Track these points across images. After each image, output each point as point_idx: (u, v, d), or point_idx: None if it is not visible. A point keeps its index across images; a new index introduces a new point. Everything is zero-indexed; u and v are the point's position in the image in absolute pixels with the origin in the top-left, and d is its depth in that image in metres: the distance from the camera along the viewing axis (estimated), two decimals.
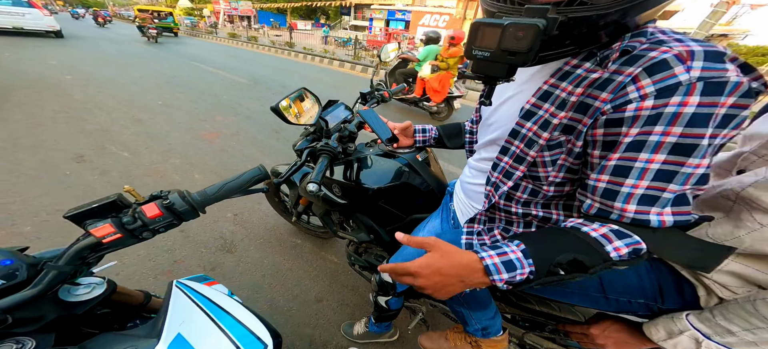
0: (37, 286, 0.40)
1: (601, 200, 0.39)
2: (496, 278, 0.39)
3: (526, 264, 0.39)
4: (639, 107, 0.33)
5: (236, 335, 0.47)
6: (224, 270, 1.42)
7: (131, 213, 0.43)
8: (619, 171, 0.36)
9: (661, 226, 0.37)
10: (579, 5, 0.34)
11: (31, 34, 8.06)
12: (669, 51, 0.32)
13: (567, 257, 0.38)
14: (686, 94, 0.31)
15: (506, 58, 0.35)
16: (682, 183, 0.34)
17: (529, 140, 0.44)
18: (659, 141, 0.33)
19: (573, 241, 0.39)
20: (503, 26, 0.34)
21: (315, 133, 0.82)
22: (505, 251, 0.41)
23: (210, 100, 3.95)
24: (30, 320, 0.42)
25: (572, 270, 0.38)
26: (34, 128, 2.50)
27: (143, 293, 0.65)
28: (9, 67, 4.29)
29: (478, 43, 0.36)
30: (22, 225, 1.47)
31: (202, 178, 2.15)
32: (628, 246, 0.37)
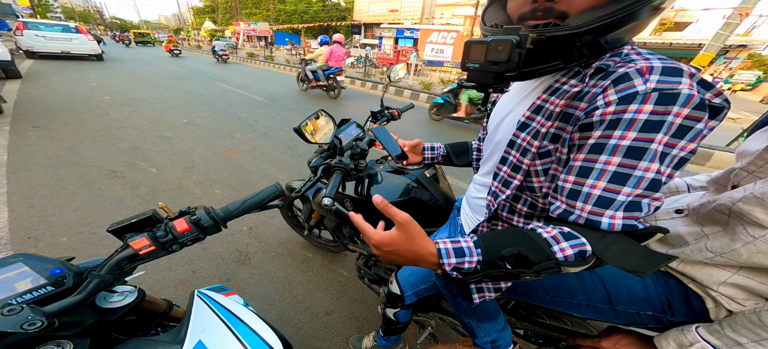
0: (82, 293, 0.44)
1: (566, 200, 0.42)
2: (445, 261, 0.42)
3: (475, 253, 0.41)
4: (604, 113, 0.37)
5: (251, 344, 0.50)
6: (239, 281, 1.47)
7: (163, 228, 0.48)
8: (582, 172, 0.40)
9: (610, 229, 0.38)
10: (552, 26, 0.40)
11: (76, 57, 8.90)
12: (633, 66, 0.37)
13: (512, 251, 0.40)
14: (642, 102, 0.35)
15: (491, 68, 0.43)
16: (634, 186, 0.36)
17: (523, 149, 0.48)
18: (616, 144, 0.36)
19: (523, 239, 0.42)
20: (487, 43, 0.42)
21: (329, 151, 0.88)
22: (459, 241, 0.44)
23: (229, 118, 4.20)
24: (71, 325, 0.46)
25: (517, 264, 0.40)
26: (76, 146, 2.76)
27: (166, 302, 0.70)
28: (57, 90, 4.79)
29: (470, 57, 0.45)
30: (59, 236, 1.61)
31: (222, 193, 2.27)
32: (573, 248, 0.39)
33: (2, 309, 0.37)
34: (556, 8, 0.40)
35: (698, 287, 0.49)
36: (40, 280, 0.45)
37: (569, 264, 0.39)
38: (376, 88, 8.52)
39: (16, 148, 2.56)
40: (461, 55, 0.46)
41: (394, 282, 0.86)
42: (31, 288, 0.44)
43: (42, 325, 0.38)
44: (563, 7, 0.39)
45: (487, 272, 0.41)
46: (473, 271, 0.41)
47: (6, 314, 0.36)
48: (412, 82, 9.20)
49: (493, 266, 0.41)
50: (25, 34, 8.06)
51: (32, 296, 0.43)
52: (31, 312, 0.37)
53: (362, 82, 9.12)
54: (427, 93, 7.45)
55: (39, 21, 8.92)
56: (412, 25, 22.69)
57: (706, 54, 4.30)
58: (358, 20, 30.58)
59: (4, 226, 1.63)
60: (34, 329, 0.37)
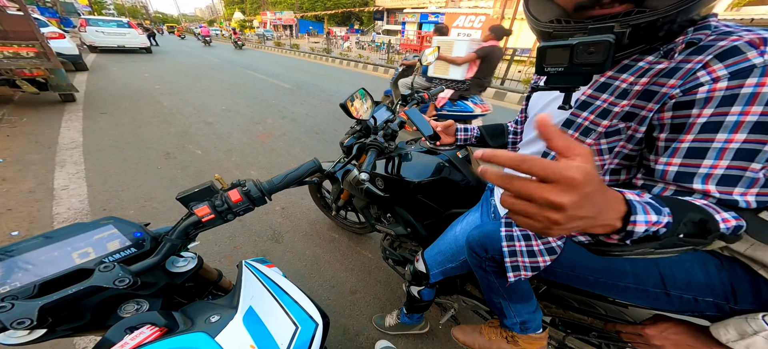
0: (158, 255, 0.50)
1: (675, 183, 0.38)
2: (638, 218, 0.29)
3: (665, 213, 0.31)
4: (712, 89, 0.34)
5: (293, 313, 0.54)
6: (273, 257, 1.60)
7: (220, 197, 0.53)
8: (694, 153, 0.36)
9: (748, 207, 0.35)
10: (638, 13, 0.35)
11: (129, 51, 9.81)
12: (739, 39, 0.34)
13: (696, 216, 0.32)
14: (762, 75, 0.32)
15: (582, 70, 0.38)
16: (765, 161, 0.34)
17: (585, 129, 0.46)
18: (738, 121, 0.34)
19: (693, 205, 0.34)
20: (572, 46, 0.36)
21: (361, 131, 0.91)
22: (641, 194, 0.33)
23: (262, 105, 4.42)
24: (148, 285, 0.50)
25: (695, 234, 0.32)
26: (136, 130, 3.12)
27: (217, 272, 0.78)
28: (117, 80, 5.40)
29: (548, 62, 0.39)
30: (128, 209, 1.87)
31: (257, 174, 2.44)
32: (734, 219, 0.33)
33: (99, 266, 0.42)
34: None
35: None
36: (126, 241, 0.52)
37: (728, 239, 0.35)
38: (375, 71, 8.32)
39: (89, 132, 2.96)
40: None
41: (421, 260, 0.87)
42: (119, 248, 0.50)
43: (129, 282, 0.43)
44: None
45: (665, 241, 0.31)
46: (652, 236, 0.31)
47: (102, 270, 0.42)
48: None
49: (674, 230, 0.32)
50: (87, 30, 9.02)
51: (120, 256, 0.50)
52: (121, 270, 0.43)
53: (385, 69, 8.96)
54: None
55: (98, 18, 9.93)
56: (437, 9, 21.42)
57: None
58: (381, 6, 29.63)
59: (84, 199, 1.92)
60: (123, 286, 0.42)
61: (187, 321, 0.49)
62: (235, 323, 0.49)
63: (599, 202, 0.27)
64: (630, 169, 0.46)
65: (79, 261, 0.47)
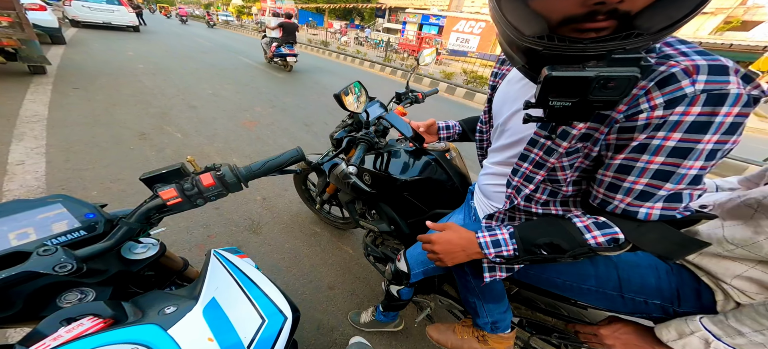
0: (112, 239, 0.46)
1: (604, 192, 0.44)
2: (486, 251, 0.53)
3: (510, 244, 0.51)
4: (650, 117, 0.36)
5: (261, 305, 0.52)
6: (249, 249, 1.54)
7: (191, 181, 0.49)
8: (623, 169, 0.40)
9: (647, 219, 0.41)
10: (636, 37, 0.31)
11: (116, 28, 9.33)
12: (677, 66, 0.35)
13: (545, 240, 0.47)
14: (689, 104, 0.34)
15: (593, 106, 0.34)
16: (676, 182, 0.38)
17: (548, 148, 0.47)
18: (660, 145, 0.36)
19: (557, 229, 0.48)
20: (590, 78, 0.32)
21: (352, 125, 0.89)
22: (496, 234, 0.54)
23: (251, 92, 4.28)
24: (97, 272, 0.46)
25: (552, 251, 0.47)
26: (111, 108, 2.94)
27: (183, 260, 0.73)
28: (97, 57, 5.07)
29: (556, 93, 0.34)
30: (90, 189, 1.75)
31: (239, 161, 2.35)
32: (605, 236, 0.44)
33: (38, 249, 0.38)
34: (622, 8, 0.30)
35: (711, 279, 0.51)
36: (75, 223, 0.47)
37: (604, 249, 0.44)
38: (396, 74, 8.31)
39: (56, 106, 2.76)
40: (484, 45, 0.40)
41: (402, 260, 0.87)
42: (66, 231, 0.46)
43: (72, 268, 0.38)
44: (627, 6, 0.30)
45: (525, 258, 0.50)
46: (513, 257, 0.50)
47: (41, 254, 0.37)
48: (433, 71, 8.89)
49: (530, 252, 0.49)
50: (73, 4, 8.54)
51: (66, 239, 0.45)
52: (64, 255, 0.38)
53: (381, 67, 8.93)
54: (448, 83, 7.19)
55: None
56: (439, 11, 21.63)
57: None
58: (383, 3, 29.54)
59: (41, 176, 1.78)
60: (64, 273, 0.38)
61: (137, 312, 0.46)
62: (193, 314, 0.45)
63: (453, 239, 0.58)
64: (588, 181, 0.49)
65: (16, 243, 0.42)
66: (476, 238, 0.54)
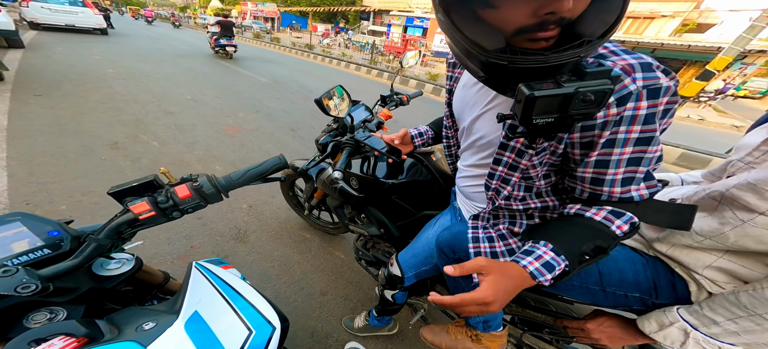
0: (79, 257, 0.43)
1: (590, 186, 0.47)
2: (541, 279, 0.45)
3: (560, 261, 0.46)
4: (606, 114, 0.40)
5: (247, 316, 0.50)
6: (236, 258, 1.49)
7: (165, 193, 0.47)
8: (601, 164, 0.44)
9: (641, 199, 0.46)
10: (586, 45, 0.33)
11: (81, 30, 8.78)
12: (615, 66, 0.39)
13: (590, 245, 0.46)
14: (637, 100, 0.39)
15: (574, 119, 0.36)
16: (647, 165, 0.44)
17: (518, 151, 0.50)
18: (626, 137, 0.41)
19: (587, 231, 0.47)
20: (571, 94, 0.33)
21: (337, 129, 0.88)
22: (541, 255, 0.46)
23: (233, 97, 4.15)
24: (66, 291, 0.45)
25: (596, 254, 0.47)
26: (78, 116, 2.74)
27: (163, 274, 0.70)
28: (60, 61, 4.72)
29: (539, 112, 0.35)
30: (58, 204, 1.62)
31: (222, 169, 2.27)
32: (626, 223, 0.46)
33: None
34: (567, 16, 0.32)
35: (684, 270, 0.53)
36: (37, 241, 0.44)
37: (625, 236, 0.46)
38: (382, 76, 8.36)
39: (16, 115, 2.55)
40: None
41: (395, 264, 0.87)
42: (27, 250, 0.43)
43: (36, 289, 0.37)
44: (569, 14, 0.32)
45: (576, 269, 0.46)
46: (562, 274, 0.46)
47: (1, 275, 0.35)
48: (419, 73, 9.01)
49: (579, 263, 0.47)
50: (30, 5, 7.97)
51: (28, 258, 0.43)
52: (26, 275, 0.36)
53: (368, 70, 8.95)
54: (434, 84, 7.31)
55: None
56: (423, 14, 22.01)
57: (723, 58, 4.17)
58: (368, 6, 29.65)
59: (2, 191, 1.64)
60: (28, 293, 0.36)
61: (113, 330, 0.43)
62: (173, 329, 0.43)
63: (507, 285, 0.45)
64: (557, 172, 0.54)
65: None
66: (524, 269, 0.45)
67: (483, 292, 0.44)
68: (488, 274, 0.45)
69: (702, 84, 5.19)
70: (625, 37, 15.54)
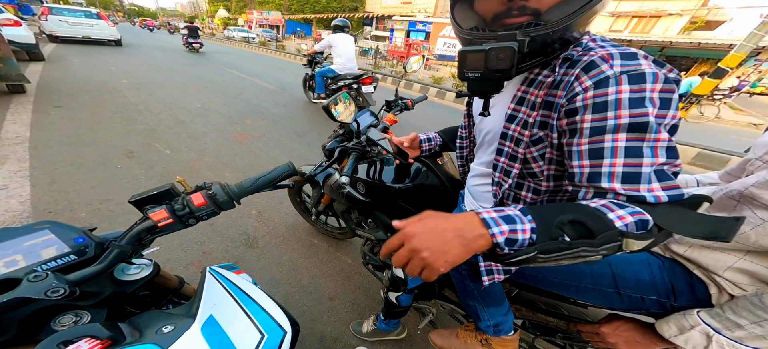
0: (103, 262, 0.46)
1: (589, 184, 0.41)
2: (496, 230, 0.35)
3: (525, 220, 0.36)
4: (585, 97, 0.40)
5: (260, 321, 0.51)
6: (246, 264, 1.51)
7: (181, 201, 0.49)
8: (595, 154, 0.41)
9: (657, 201, 0.37)
10: (535, 26, 0.42)
11: (96, 42, 9.15)
12: (595, 55, 0.41)
13: (568, 217, 0.35)
14: (616, 84, 0.38)
15: (494, 76, 0.43)
16: (651, 156, 0.38)
17: (516, 139, 0.51)
18: (616, 124, 0.39)
19: (576, 207, 0.38)
20: (485, 51, 0.42)
21: (344, 135, 0.89)
22: (504, 209, 0.39)
23: (241, 105, 4.25)
24: (90, 295, 0.47)
25: (577, 235, 0.35)
26: (95, 126, 2.86)
27: (178, 279, 0.72)
28: (78, 73, 4.94)
29: (467, 67, 0.44)
30: (78, 211, 1.69)
31: (232, 176, 2.32)
32: (632, 215, 0.35)
33: (28, 275, 0.38)
34: (530, 6, 0.42)
35: (703, 273, 0.51)
36: (65, 248, 0.47)
37: (632, 235, 0.34)
38: (386, 81, 8.42)
39: (38, 127, 2.67)
40: None
41: None
42: (55, 256, 0.45)
43: (64, 293, 0.39)
44: (535, 4, 0.42)
45: (545, 246, 0.34)
46: (528, 244, 0.35)
47: (32, 280, 0.38)
48: (423, 76, 9.04)
49: (550, 236, 0.35)
50: (49, 19, 8.34)
51: (56, 264, 0.45)
52: (55, 280, 0.38)
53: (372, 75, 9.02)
54: (438, 87, 7.32)
55: (63, 7, 9.16)
56: (425, 18, 22.18)
57: (735, 55, 4.05)
58: (371, 12, 30.07)
59: (26, 200, 1.71)
60: (57, 297, 0.38)
61: (135, 332, 0.45)
62: (191, 333, 0.45)
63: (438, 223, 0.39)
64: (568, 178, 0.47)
65: (5, 270, 0.41)
66: (478, 214, 0.38)
67: (409, 227, 0.39)
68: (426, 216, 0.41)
69: (715, 82, 5.04)
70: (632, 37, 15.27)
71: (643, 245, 0.34)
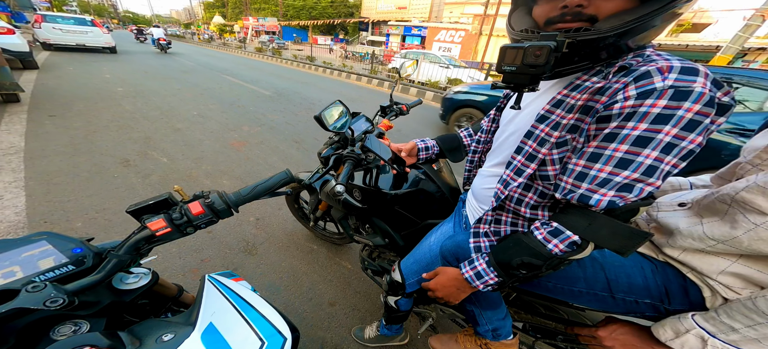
0: (101, 272, 0.45)
1: (572, 181, 0.46)
2: (474, 285, 0.57)
3: (490, 273, 0.55)
4: (622, 106, 0.40)
5: (259, 328, 0.51)
6: (245, 271, 1.50)
7: (179, 210, 0.49)
8: (593, 157, 0.43)
9: (597, 205, 0.43)
10: (583, 31, 0.41)
11: (90, 49, 9.07)
12: (653, 65, 0.39)
13: (519, 261, 0.50)
14: (658, 97, 0.37)
15: (528, 70, 0.43)
16: (632, 170, 0.40)
17: (541, 140, 0.50)
18: (627, 134, 0.39)
19: (524, 247, 0.50)
20: (524, 48, 0.42)
21: (339, 142, 0.89)
22: (476, 265, 0.57)
23: (238, 112, 4.25)
24: (89, 304, 0.47)
25: (529, 270, 0.50)
26: (90, 135, 2.84)
27: (177, 287, 0.72)
28: (72, 81, 4.91)
29: (505, 61, 0.46)
30: (74, 221, 1.67)
31: (230, 183, 2.31)
32: (563, 241, 0.46)
33: (26, 286, 0.38)
34: (586, 12, 0.42)
35: (697, 276, 0.51)
36: (62, 258, 0.47)
37: (570, 254, 0.46)
38: (383, 86, 8.48)
39: (33, 136, 2.64)
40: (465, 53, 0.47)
41: (397, 270, 0.87)
42: (53, 266, 0.45)
43: (63, 303, 0.39)
44: (592, 10, 0.42)
45: (510, 282, 0.53)
46: (499, 284, 0.54)
47: (30, 290, 0.37)
48: (419, 80, 9.12)
49: (512, 276, 0.52)
50: (42, 26, 8.27)
51: (54, 275, 0.45)
52: (53, 290, 0.38)
53: (368, 79, 9.09)
54: (434, 91, 7.39)
55: (56, 14, 9.09)
56: (420, 23, 22.44)
57: (723, 56, 4.15)
58: (366, 17, 30.38)
59: (21, 211, 1.69)
60: (55, 307, 0.38)
61: (135, 341, 0.44)
62: (191, 341, 0.45)
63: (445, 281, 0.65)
64: None
65: (2, 282, 0.41)
66: (461, 274, 0.59)
67: (432, 283, 0.67)
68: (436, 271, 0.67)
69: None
70: None
71: (581, 257, 0.47)
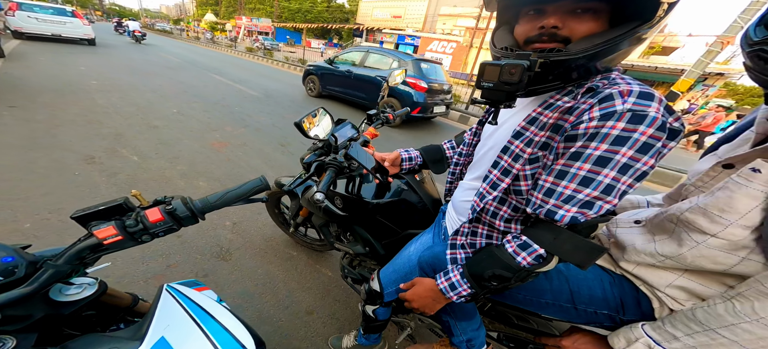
0: (32, 284, 0.40)
1: (542, 197, 0.48)
2: (448, 296, 0.59)
3: (464, 285, 0.57)
4: (587, 126, 0.42)
5: (220, 341, 0.47)
6: (217, 277, 1.42)
7: (134, 217, 0.45)
8: (560, 174, 0.46)
9: (561, 221, 0.46)
10: (556, 52, 0.45)
11: (68, 40, 8.63)
12: (616, 88, 0.42)
13: (490, 273, 0.53)
14: (617, 119, 0.40)
15: (504, 87, 0.46)
16: (593, 188, 0.43)
17: (516, 155, 0.52)
18: (590, 154, 0.42)
19: (495, 260, 0.53)
20: (501, 66, 0.45)
21: (322, 148, 0.87)
22: (450, 276, 0.59)
23: (222, 111, 4.11)
24: (17, 319, 0.42)
25: (500, 282, 0.53)
26: (54, 129, 2.63)
27: (131, 296, 0.66)
28: (42, 72, 4.58)
29: (484, 78, 0.48)
30: (22, 221, 1.51)
31: (207, 185, 2.20)
32: (530, 254, 0.50)
33: None
34: (561, 34, 0.45)
35: (648, 288, 0.56)
36: None
37: (537, 267, 0.49)
38: None
39: None
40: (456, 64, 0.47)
41: (375, 279, 0.85)
42: None
43: None
44: (566, 32, 0.45)
45: (482, 293, 0.56)
46: (472, 295, 0.57)
47: None
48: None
49: (484, 288, 0.55)
50: (16, 15, 7.85)
51: None
52: None
53: None
54: None
55: (34, 3, 8.64)
56: (414, 32, 23.01)
57: (685, 80, 4.50)
58: (361, 23, 30.75)
59: None
60: None
61: None
62: None
63: (421, 291, 0.66)
64: None
65: None
66: (437, 285, 0.60)
67: (408, 293, 0.69)
68: (417, 283, 0.68)
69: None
70: None
71: (546, 269, 0.50)
